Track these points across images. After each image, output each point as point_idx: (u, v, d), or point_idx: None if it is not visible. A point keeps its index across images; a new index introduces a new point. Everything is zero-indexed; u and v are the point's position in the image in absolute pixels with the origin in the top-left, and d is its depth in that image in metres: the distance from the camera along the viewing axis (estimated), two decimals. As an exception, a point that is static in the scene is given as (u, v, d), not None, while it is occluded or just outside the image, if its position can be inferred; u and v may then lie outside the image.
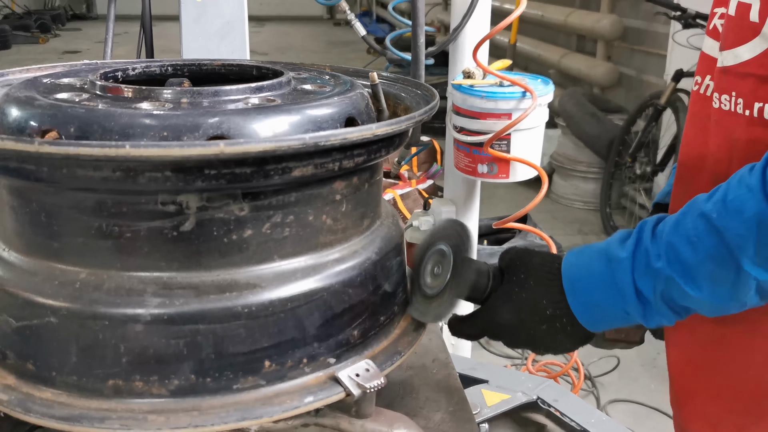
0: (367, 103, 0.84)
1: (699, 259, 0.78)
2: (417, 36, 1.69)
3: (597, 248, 0.88)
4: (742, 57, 0.88)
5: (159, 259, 0.70)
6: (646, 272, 0.82)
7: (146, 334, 0.69)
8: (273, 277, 0.74)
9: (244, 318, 0.71)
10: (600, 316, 0.87)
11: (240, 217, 0.71)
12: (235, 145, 0.61)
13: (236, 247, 0.72)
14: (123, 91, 0.75)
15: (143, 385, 0.70)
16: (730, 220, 0.76)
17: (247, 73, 0.91)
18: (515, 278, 0.90)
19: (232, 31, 1.55)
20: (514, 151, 1.75)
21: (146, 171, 0.64)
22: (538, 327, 0.89)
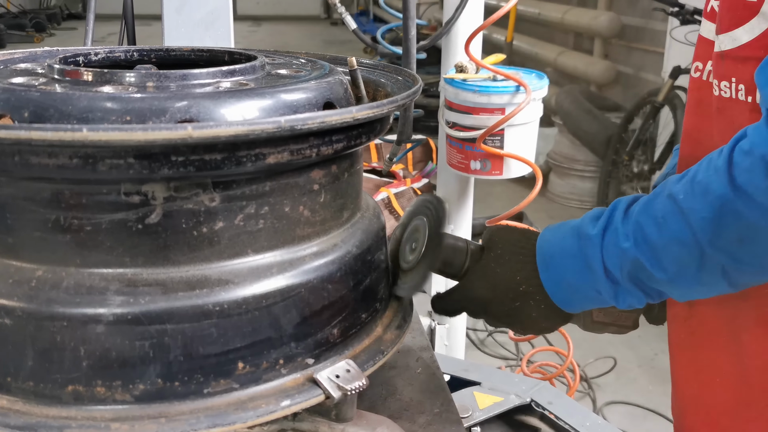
0: (346, 88, 0.79)
1: (664, 240, 0.76)
2: (408, 29, 1.64)
3: (571, 225, 0.87)
4: (741, 39, 0.83)
5: (122, 254, 0.65)
6: (614, 252, 0.80)
7: (108, 336, 0.64)
8: (247, 273, 0.69)
9: (216, 317, 0.67)
10: (572, 295, 0.86)
11: (210, 208, 0.66)
12: (205, 128, 0.57)
13: (207, 241, 0.67)
14: (82, 75, 0.70)
15: (105, 391, 0.65)
16: (696, 202, 0.74)
17: (218, 59, 0.86)
18: (492, 254, 0.89)
19: (217, 20, 1.51)
20: (507, 147, 1.72)
21: (107, 158, 0.59)
22: (512, 303, 0.88)
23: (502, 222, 1.83)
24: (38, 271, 0.66)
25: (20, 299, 0.65)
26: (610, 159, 4.47)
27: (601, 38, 5.74)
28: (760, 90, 0.74)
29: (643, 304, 0.83)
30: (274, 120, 0.59)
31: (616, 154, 4.44)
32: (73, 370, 0.65)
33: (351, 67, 0.86)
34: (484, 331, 3.20)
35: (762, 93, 0.74)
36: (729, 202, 0.71)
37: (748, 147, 0.71)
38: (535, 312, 0.88)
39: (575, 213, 4.76)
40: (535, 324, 0.89)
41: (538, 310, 0.88)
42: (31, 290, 0.65)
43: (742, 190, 0.70)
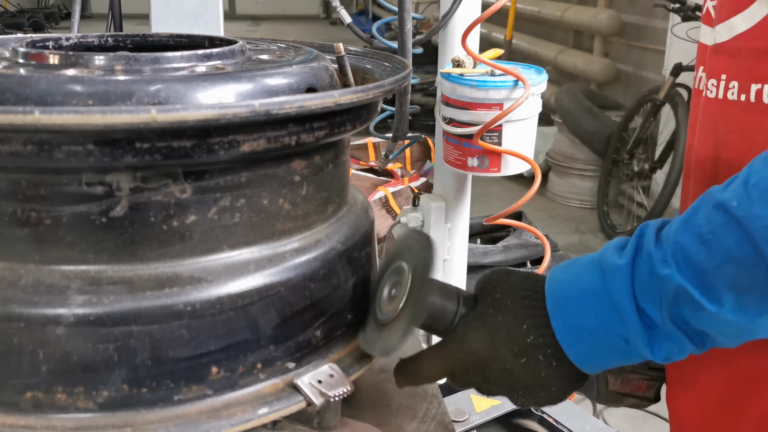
0: (331, 74, 0.74)
1: (716, 260, 0.60)
2: (404, 22, 1.60)
3: (589, 258, 0.71)
4: (738, 28, 0.74)
5: (85, 249, 0.60)
6: (650, 283, 0.64)
7: (69, 338, 0.59)
8: (221, 270, 0.64)
9: (187, 317, 0.61)
10: (593, 346, 0.68)
11: (181, 200, 0.61)
12: (171, 111, 0.52)
13: (178, 236, 0.62)
14: (47, 58, 0.65)
15: (67, 398, 0.60)
16: (756, 208, 0.58)
17: (198, 44, 0.81)
18: (489, 299, 0.73)
19: (206, 12, 1.47)
20: (505, 143, 1.67)
21: (64, 144, 0.54)
22: (516, 360, 0.70)
23: (498, 221, 1.79)
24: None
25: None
26: (611, 158, 4.44)
27: (601, 36, 5.71)
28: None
29: (685, 353, 0.66)
30: (248, 103, 0.54)
31: (616, 152, 4.41)
32: (31, 375, 0.60)
33: (338, 54, 0.82)
34: (483, 332, 3.15)
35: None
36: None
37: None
38: (544, 371, 0.70)
39: (575, 212, 4.72)
40: (541, 388, 0.71)
41: (549, 369, 0.70)
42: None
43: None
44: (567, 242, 4.18)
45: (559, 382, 0.71)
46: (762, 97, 0.72)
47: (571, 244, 4.20)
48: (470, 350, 0.72)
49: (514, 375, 0.71)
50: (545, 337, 0.69)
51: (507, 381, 0.71)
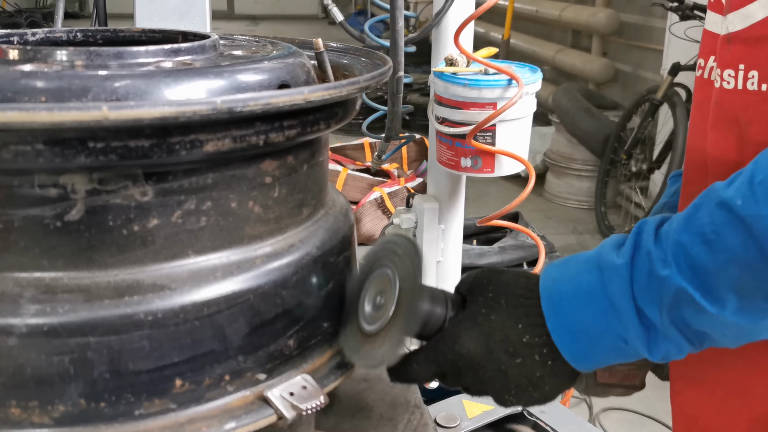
0: (308, 71, 0.71)
1: (719, 261, 0.58)
2: (395, 20, 1.57)
3: (586, 256, 0.69)
4: (755, 16, 0.70)
5: (39, 255, 0.57)
6: (649, 284, 0.62)
7: (22, 350, 0.56)
8: (186, 277, 0.60)
9: (148, 327, 0.58)
10: (589, 346, 0.67)
11: (142, 203, 0.58)
12: (124, 108, 0.48)
13: (139, 241, 0.59)
14: (6, 53, 0.62)
15: (21, 413, 0.57)
16: (762, 207, 0.57)
17: (171, 40, 0.78)
18: (482, 298, 0.71)
19: (192, 9, 1.43)
20: (499, 143, 1.64)
21: (11, 143, 0.51)
22: (510, 360, 0.68)
23: (493, 222, 1.76)
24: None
25: None
26: (608, 158, 4.41)
27: (599, 36, 5.69)
28: None
29: (684, 354, 0.66)
30: (209, 100, 0.50)
31: (614, 152, 4.38)
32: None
33: (317, 50, 0.78)
34: (479, 334, 3.13)
35: None
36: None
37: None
38: (539, 371, 0.68)
39: (572, 213, 4.69)
40: (537, 388, 0.70)
41: (543, 368, 0.68)
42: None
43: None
44: (564, 243, 4.15)
45: (552, 382, 0.69)
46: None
47: (568, 244, 4.18)
48: (463, 351, 0.70)
49: (508, 375, 0.69)
50: (541, 336, 0.68)
51: (501, 381, 0.70)
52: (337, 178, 3.62)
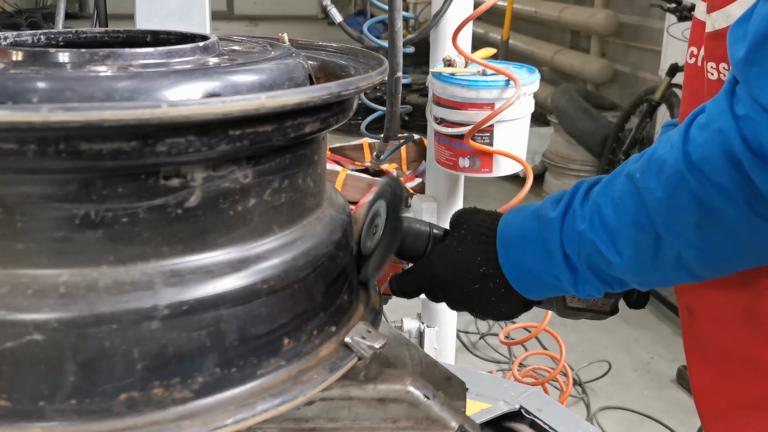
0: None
1: (621, 223, 0.71)
2: (394, 21, 1.58)
3: (533, 207, 0.82)
4: (735, 16, 0.73)
5: (161, 243, 0.61)
6: (572, 235, 0.75)
7: (164, 331, 0.60)
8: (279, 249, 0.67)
9: (264, 295, 0.65)
10: (532, 281, 0.81)
11: (244, 185, 0.63)
12: (277, 97, 0.55)
13: (242, 220, 0.64)
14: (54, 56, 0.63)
15: (164, 392, 0.60)
16: (651, 181, 0.67)
17: (189, 40, 0.79)
18: (456, 234, 0.86)
19: (191, 10, 1.45)
20: (497, 143, 1.66)
21: (159, 137, 0.55)
22: (471, 285, 0.84)
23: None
24: (62, 276, 0.58)
25: (52, 309, 0.57)
26: (607, 158, 4.43)
27: (597, 36, 5.71)
28: (728, 51, 0.65)
29: (601, 293, 0.79)
30: (325, 86, 0.58)
31: (612, 153, 4.40)
32: (126, 375, 0.59)
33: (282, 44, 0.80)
34: (476, 334, 3.14)
35: (730, 53, 0.65)
36: (684, 180, 0.65)
37: (704, 121, 0.64)
38: (494, 296, 0.84)
39: (571, 213, 4.71)
40: (494, 308, 0.85)
41: (498, 294, 0.83)
42: (64, 297, 0.57)
43: (696, 168, 0.64)
44: (563, 243, 4.16)
45: (508, 305, 0.84)
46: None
47: (567, 245, 4.19)
48: (436, 274, 0.86)
49: (470, 297, 0.85)
50: (495, 269, 0.82)
51: (465, 301, 0.86)
52: (336, 178, 3.63)
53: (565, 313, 0.94)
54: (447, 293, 0.87)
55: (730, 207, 0.63)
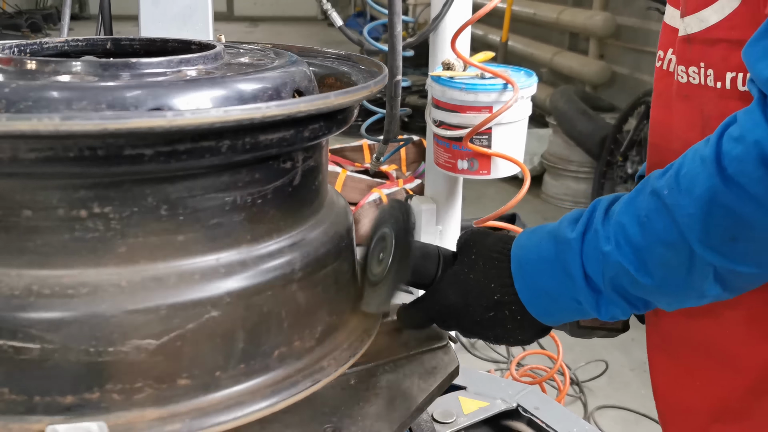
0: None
1: (649, 241, 0.69)
2: (393, 25, 1.60)
3: (548, 228, 0.80)
4: (709, 20, 0.76)
5: (279, 218, 0.70)
6: (595, 256, 0.73)
7: (300, 292, 0.70)
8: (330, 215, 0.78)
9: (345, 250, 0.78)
10: (550, 305, 0.78)
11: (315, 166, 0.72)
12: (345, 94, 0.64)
13: (315, 192, 0.74)
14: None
15: (300, 344, 0.71)
16: (682, 197, 0.67)
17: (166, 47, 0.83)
18: (466, 259, 0.83)
19: (194, 14, 1.47)
20: (495, 146, 1.68)
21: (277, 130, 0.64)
22: (485, 313, 0.81)
23: (488, 223, 1.79)
24: (220, 259, 0.65)
25: (222, 287, 0.64)
26: (605, 160, 4.44)
27: (596, 38, 5.72)
28: (750, 70, 0.66)
29: (628, 314, 0.77)
30: None
31: (610, 154, 4.41)
32: (278, 334, 0.68)
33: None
34: (476, 334, 3.16)
35: (753, 72, 0.66)
36: (719, 195, 0.64)
37: (738, 133, 0.64)
38: (510, 323, 0.81)
39: (570, 214, 4.73)
40: (510, 335, 0.83)
41: (514, 321, 0.81)
42: (227, 275, 0.65)
43: (733, 181, 0.63)
44: (561, 244, 4.18)
45: (524, 331, 0.82)
46: (737, 85, 0.75)
47: (565, 245, 4.20)
48: (447, 303, 0.83)
49: (484, 326, 0.82)
50: (510, 295, 0.79)
51: (480, 329, 0.83)
52: (336, 180, 3.65)
53: (578, 333, 0.93)
54: (460, 322, 0.84)
55: (767, 217, 0.63)
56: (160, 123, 0.51)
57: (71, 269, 0.60)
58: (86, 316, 0.60)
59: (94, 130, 0.50)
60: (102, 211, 0.59)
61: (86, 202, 0.59)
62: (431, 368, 0.87)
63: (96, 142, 0.54)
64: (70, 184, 0.58)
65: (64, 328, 0.59)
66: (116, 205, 0.59)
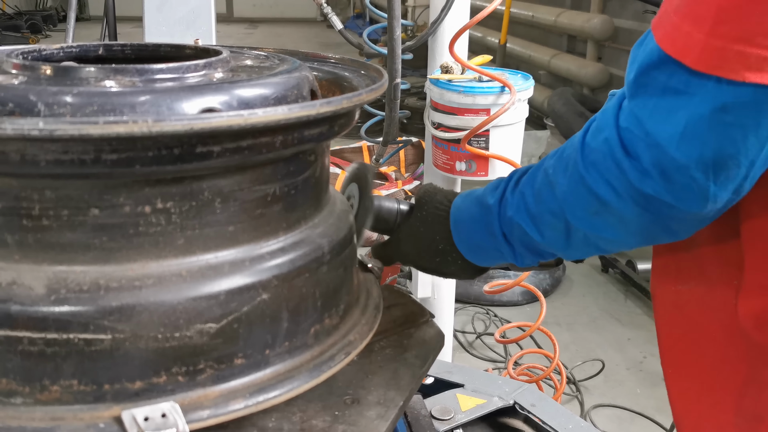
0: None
1: (540, 210, 0.85)
2: (393, 29, 1.63)
3: (477, 193, 0.95)
4: None
5: (305, 207, 0.76)
6: (506, 219, 0.89)
7: (328, 273, 0.77)
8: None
9: (351, 236, 0.85)
10: (481, 254, 0.95)
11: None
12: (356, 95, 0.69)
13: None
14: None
15: (329, 321, 0.79)
16: (559, 176, 0.82)
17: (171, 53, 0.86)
18: (419, 214, 0.99)
19: (198, 18, 1.50)
20: (492, 147, 1.71)
21: (306, 129, 0.69)
22: (433, 259, 0.99)
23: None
24: (264, 246, 0.71)
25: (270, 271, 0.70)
26: (603, 162, 4.46)
27: (594, 41, 5.75)
28: (628, 66, 0.77)
29: (536, 263, 0.93)
30: None
31: (608, 156, 4.43)
32: (313, 313, 0.75)
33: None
34: (473, 334, 3.18)
35: (628, 70, 0.76)
36: (583, 177, 0.78)
37: (596, 128, 0.78)
38: (453, 266, 0.98)
39: (568, 216, 4.74)
40: (455, 275, 1.01)
41: (456, 265, 0.98)
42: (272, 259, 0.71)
43: (592, 168, 0.77)
44: (559, 245, 4.20)
45: (466, 271, 1.00)
46: None
47: (563, 246, 4.22)
48: (404, 251, 1.01)
49: (433, 267, 1.01)
50: (450, 245, 0.97)
51: (431, 270, 1.01)
52: (336, 181, 3.68)
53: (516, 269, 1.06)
54: (416, 264, 1.03)
55: (618, 200, 0.76)
56: (237, 121, 0.57)
57: (135, 263, 0.64)
58: (154, 305, 0.63)
59: (182, 129, 0.55)
60: (164, 207, 0.64)
61: (150, 198, 0.63)
62: (422, 341, 0.97)
63: (174, 141, 0.59)
64: (137, 182, 0.62)
65: (135, 317, 0.63)
66: (176, 201, 0.64)
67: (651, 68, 0.72)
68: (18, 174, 0.60)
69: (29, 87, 0.63)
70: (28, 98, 0.61)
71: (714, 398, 0.89)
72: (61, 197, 0.61)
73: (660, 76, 0.71)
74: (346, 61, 0.93)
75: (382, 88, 0.73)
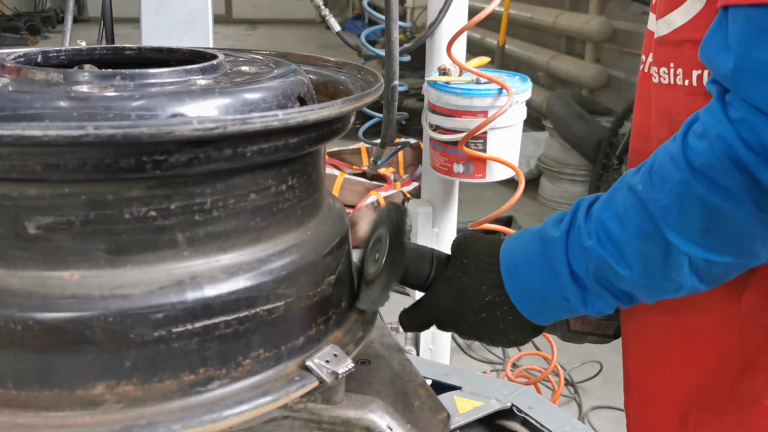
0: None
1: (627, 235, 0.73)
2: (390, 31, 1.62)
3: (534, 230, 0.83)
4: (675, 23, 0.82)
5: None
6: (579, 252, 0.76)
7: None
8: None
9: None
10: (539, 304, 0.82)
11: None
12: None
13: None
14: None
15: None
16: (655, 192, 0.71)
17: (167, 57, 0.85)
18: (458, 263, 0.85)
19: (196, 21, 1.50)
20: (490, 150, 1.71)
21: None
22: (477, 315, 0.84)
23: (484, 226, 1.82)
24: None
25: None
26: (601, 163, 4.47)
27: (592, 42, 5.75)
28: (708, 65, 0.70)
29: (613, 308, 0.80)
30: None
31: (606, 157, 4.44)
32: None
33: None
34: (472, 336, 3.19)
35: (712, 67, 0.69)
36: (689, 187, 0.68)
37: (701, 130, 0.68)
38: (503, 324, 0.84)
39: (566, 217, 4.75)
40: (503, 336, 0.85)
41: (506, 322, 0.84)
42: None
43: (701, 173, 0.67)
44: (558, 246, 4.20)
45: (516, 332, 0.85)
46: (702, 81, 0.80)
47: (561, 248, 4.23)
48: (441, 307, 0.86)
49: (477, 327, 0.85)
50: (501, 296, 0.82)
51: (474, 330, 0.86)
52: (334, 182, 3.68)
53: (569, 337, 0.96)
54: (455, 324, 0.87)
55: (736, 207, 0.66)
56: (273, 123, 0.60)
57: (279, 237, 0.72)
58: (304, 267, 0.72)
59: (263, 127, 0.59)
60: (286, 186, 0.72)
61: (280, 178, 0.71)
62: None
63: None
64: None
65: (297, 281, 0.71)
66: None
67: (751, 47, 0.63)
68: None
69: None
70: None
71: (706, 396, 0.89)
72: (228, 187, 0.66)
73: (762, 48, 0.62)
74: (341, 64, 0.92)
75: (374, 95, 0.72)
